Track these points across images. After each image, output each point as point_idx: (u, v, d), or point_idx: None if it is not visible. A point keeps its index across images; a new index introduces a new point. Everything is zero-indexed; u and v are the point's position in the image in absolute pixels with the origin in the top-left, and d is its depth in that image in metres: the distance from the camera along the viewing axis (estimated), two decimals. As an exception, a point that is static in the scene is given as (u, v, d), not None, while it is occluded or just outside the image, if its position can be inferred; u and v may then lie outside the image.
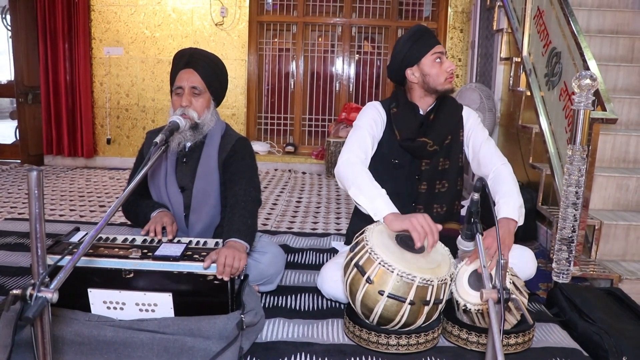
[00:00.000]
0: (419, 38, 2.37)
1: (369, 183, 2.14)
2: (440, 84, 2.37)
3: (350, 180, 2.17)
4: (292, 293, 2.53)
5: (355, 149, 2.30)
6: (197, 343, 1.79)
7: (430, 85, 2.37)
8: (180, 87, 2.26)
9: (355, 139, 2.35)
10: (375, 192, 2.11)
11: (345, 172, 2.21)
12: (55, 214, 4.07)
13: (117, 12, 6.23)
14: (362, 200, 2.11)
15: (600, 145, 3.34)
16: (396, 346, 1.95)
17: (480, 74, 5.51)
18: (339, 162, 2.27)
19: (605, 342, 2.00)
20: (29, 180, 1.15)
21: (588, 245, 3.10)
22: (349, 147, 2.32)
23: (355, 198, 2.14)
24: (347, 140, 2.38)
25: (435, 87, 2.37)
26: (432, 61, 2.35)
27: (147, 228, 2.17)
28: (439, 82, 2.36)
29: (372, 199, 2.09)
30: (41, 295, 1.10)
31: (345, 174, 2.21)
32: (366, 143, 2.34)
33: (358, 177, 2.16)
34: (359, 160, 2.26)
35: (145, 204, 2.34)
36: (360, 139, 2.35)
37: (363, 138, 2.35)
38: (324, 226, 3.96)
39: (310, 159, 6.52)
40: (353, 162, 2.24)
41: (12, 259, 2.92)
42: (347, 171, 2.20)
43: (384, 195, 2.12)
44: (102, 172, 6.09)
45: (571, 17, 3.19)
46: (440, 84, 2.36)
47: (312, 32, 6.73)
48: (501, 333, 1.30)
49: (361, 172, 2.18)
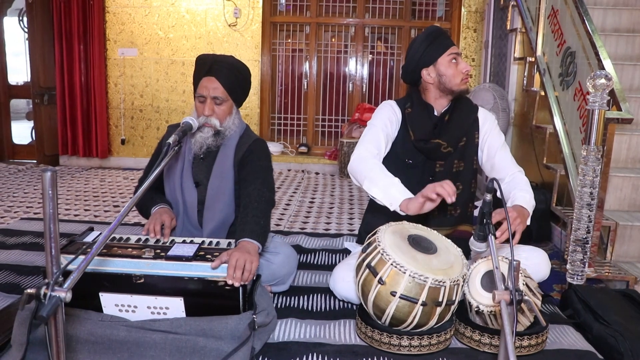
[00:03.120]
0: (435, 39, 2.37)
1: (381, 174, 2.14)
2: (456, 85, 2.36)
3: (363, 173, 2.17)
4: (305, 293, 2.53)
5: (367, 145, 2.31)
6: (209, 343, 1.80)
7: (446, 86, 2.37)
8: (203, 96, 2.28)
9: (368, 136, 2.36)
10: (388, 182, 2.11)
11: (357, 166, 2.22)
12: (70, 214, 4.11)
13: (131, 14, 6.28)
14: (376, 192, 2.11)
15: (616, 146, 3.30)
16: (408, 347, 1.95)
17: (494, 74, 5.48)
18: (352, 158, 2.28)
19: (620, 345, 1.97)
20: (44, 181, 1.16)
21: (603, 247, 3.07)
22: (362, 143, 2.33)
23: (369, 191, 2.14)
24: (361, 138, 2.38)
25: (451, 88, 2.36)
26: (448, 62, 2.35)
27: (147, 227, 2.20)
28: (454, 83, 2.36)
29: (386, 189, 2.08)
30: (55, 294, 1.11)
31: (358, 168, 2.21)
32: (379, 140, 2.34)
33: (370, 170, 2.16)
34: (370, 154, 2.27)
35: (149, 196, 2.37)
36: (374, 136, 2.35)
37: (376, 135, 2.35)
38: (337, 227, 3.95)
39: (323, 159, 6.53)
40: (365, 156, 2.24)
41: (28, 258, 2.95)
42: (360, 165, 2.21)
43: (397, 183, 2.11)
44: (117, 172, 6.14)
45: (586, 16, 3.16)
46: (456, 84, 2.36)
47: (325, 32, 6.74)
48: (514, 335, 1.29)
49: (373, 165, 2.19)
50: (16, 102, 6.96)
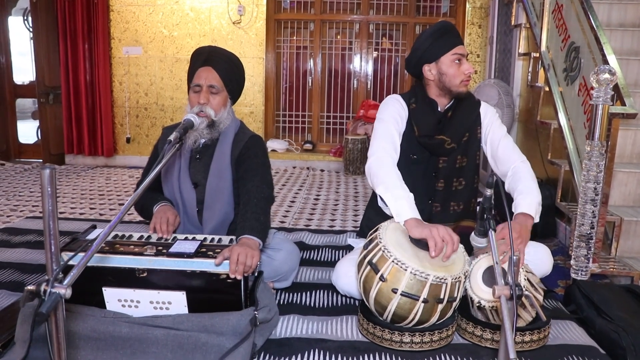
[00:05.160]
0: (442, 35, 2.34)
1: (398, 184, 2.14)
2: (455, 86, 2.34)
3: (380, 178, 2.17)
4: (307, 290, 2.54)
5: (385, 146, 2.29)
6: (210, 339, 1.81)
7: (445, 85, 2.35)
8: (198, 85, 2.28)
9: (383, 134, 2.34)
10: (402, 194, 2.10)
11: (376, 170, 2.21)
12: (76, 212, 4.13)
13: (135, 12, 6.29)
14: (388, 198, 2.11)
15: (621, 141, 3.28)
16: (410, 344, 1.95)
17: (499, 70, 5.46)
18: (371, 159, 2.27)
19: (623, 340, 1.96)
20: (42, 178, 1.17)
21: (608, 242, 3.06)
22: (380, 143, 2.31)
23: (382, 195, 2.14)
24: (374, 134, 2.37)
25: (450, 88, 2.35)
26: (451, 61, 2.32)
27: (152, 225, 2.19)
28: (454, 84, 2.34)
29: (398, 200, 2.08)
30: (55, 291, 1.12)
31: (377, 172, 2.21)
32: (394, 139, 2.34)
33: (388, 177, 2.16)
34: (391, 160, 2.26)
35: (149, 196, 2.37)
36: (388, 133, 2.34)
37: (390, 133, 2.34)
38: (341, 223, 3.95)
39: (328, 156, 6.52)
40: (386, 162, 2.23)
41: (32, 257, 2.97)
42: (379, 170, 2.21)
43: (410, 198, 2.11)
44: (122, 170, 6.17)
45: (590, 11, 3.14)
46: (455, 85, 2.34)
47: (329, 29, 6.73)
48: (514, 329, 1.29)
49: (392, 173, 2.18)
50: (22, 101, 7.00)
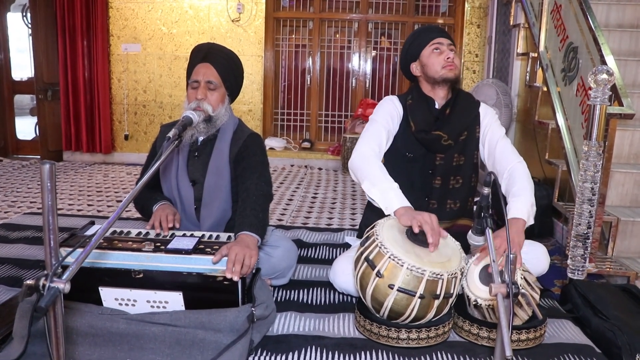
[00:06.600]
0: (421, 33, 2.45)
1: (382, 177, 2.15)
2: (437, 72, 2.37)
3: (364, 173, 2.19)
4: (305, 287, 2.55)
5: (370, 142, 2.33)
6: (208, 335, 1.81)
7: (429, 75, 2.39)
8: (197, 81, 2.29)
9: (370, 132, 2.38)
10: (388, 186, 2.12)
11: (359, 165, 2.24)
12: (74, 209, 4.13)
13: (134, 9, 6.29)
14: (375, 193, 2.13)
15: (618, 142, 3.30)
16: (406, 340, 1.95)
17: (497, 70, 5.47)
18: (354, 155, 2.30)
19: (618, 339, 1.97)
20: (42, 173, 1.17)
21: (605, 242, 3.07)
22: (364, 140, 2.35)
23: (368, 191, 2.16)
24: (362, 133, 2.40)
25: (434, 77, 2.38)
26: (430, 52, 2.39)
27: (151, 223, 2.20)
28: (436, 70, 2.37)
29: (384, 192, 2.11)
30: (53, 285, 1.12)
31: (360, 166, 2.23)
32: (381, 137, 2.36)
33: (372, 171, 2.18)
34: (373, 153, 2.28)
35: (149, 196, 2.37)
36: (375, 132, 2.37)
37: (378, 131, 2.37)
38: (339, 222, 3.96)
39: (326, 155, 6.53)
40: (367, 155, 2.26)
41: (30, 252, 2.97)
42: (361, 164, 2.23)
43: (396, 189, 2.13)
44: (120, 167, 6.17)
45: (589, 12, 3.15)
46: (437, 72, 2.37)
47: (328, 28, 6.73)
48: (510, 328, 1.29)
49: (375, 166, 2.20)
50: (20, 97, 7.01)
